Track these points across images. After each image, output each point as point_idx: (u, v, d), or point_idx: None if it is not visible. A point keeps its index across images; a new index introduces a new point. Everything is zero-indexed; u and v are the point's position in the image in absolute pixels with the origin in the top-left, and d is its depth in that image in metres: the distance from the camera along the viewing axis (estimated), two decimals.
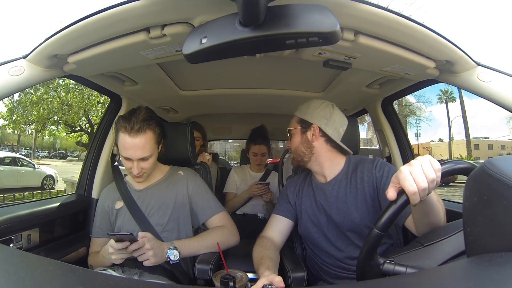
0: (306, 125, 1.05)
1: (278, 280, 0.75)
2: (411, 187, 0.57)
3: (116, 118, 1.12)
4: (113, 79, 1.22)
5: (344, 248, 1.01)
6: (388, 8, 0.72)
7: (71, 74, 1.02)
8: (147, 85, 1.33)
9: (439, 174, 0.59)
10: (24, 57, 0.88)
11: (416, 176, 0.57)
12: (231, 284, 0.75)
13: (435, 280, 0.41)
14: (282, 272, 0.95)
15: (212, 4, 0.66)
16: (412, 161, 0.61)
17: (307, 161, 1.06)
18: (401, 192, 0.59)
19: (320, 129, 1.03)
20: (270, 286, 0.74)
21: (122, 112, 1.39)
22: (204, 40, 0.53)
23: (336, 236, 1.02)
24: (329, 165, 1.05)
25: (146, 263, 0.93)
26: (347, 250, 1.00)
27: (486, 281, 0.35)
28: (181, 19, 0.73)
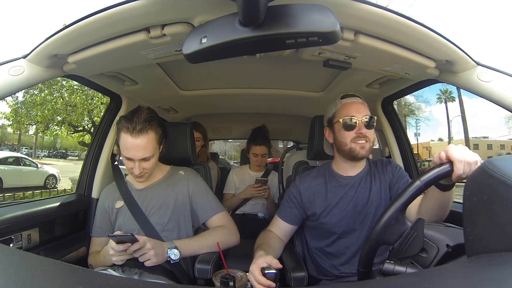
0: None
1: (276, 262, 0.76)
2: (460, 155, 0.63)
3: (118, 118, 1.12)
4: (113, 79, 1.21)
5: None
6: (388, 8, 0.72)
7: (71, 74, 1.01)
8: (147, 85, 1.32)
9: (479, 164, 0.64)
10: (24, 57, 0.87)
11: (464, 152, 0.64)
12: (231, 284, 0.75)
13: (435, 280, 0.41)
14: (282, 271, 0.94)
15: (212, 4, 0.66)
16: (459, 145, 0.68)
17: None
18: (447, 162, 0.65)
19: None
20: (268, 272, 0.73)
21: (122, 112, 1.39)
22: (204, 40, 0.53)
23: (361, 229, 1.03)
24: None
25: (147, 263, 0.92)
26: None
27: (486, 281, 0.35)
28: (181, 19, 0.73)
